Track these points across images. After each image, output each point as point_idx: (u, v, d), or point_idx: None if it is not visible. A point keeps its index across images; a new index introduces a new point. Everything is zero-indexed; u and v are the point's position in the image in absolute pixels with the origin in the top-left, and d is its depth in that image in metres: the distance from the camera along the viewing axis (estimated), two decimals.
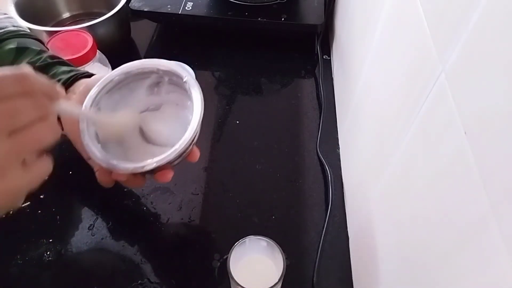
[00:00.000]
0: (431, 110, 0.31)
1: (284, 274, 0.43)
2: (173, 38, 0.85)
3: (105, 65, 0.66)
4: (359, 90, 0.55)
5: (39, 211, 0.56)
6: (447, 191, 0.28)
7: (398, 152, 0.38)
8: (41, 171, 0.31)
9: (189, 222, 0.57)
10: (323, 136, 0.67)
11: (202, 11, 0.77)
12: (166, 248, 0.55)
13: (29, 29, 0.66)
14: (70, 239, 0.54)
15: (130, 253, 0.53)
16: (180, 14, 0.77)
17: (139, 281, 0.51)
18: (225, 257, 0.52)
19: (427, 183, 0.31)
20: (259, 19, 0.76)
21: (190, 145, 0.41)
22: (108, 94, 0.44)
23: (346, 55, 0.66)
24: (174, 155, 0.40)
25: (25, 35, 0.52)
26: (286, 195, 0.60)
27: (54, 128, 0.31)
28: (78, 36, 0.63)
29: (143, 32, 0.84)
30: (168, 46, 0.83)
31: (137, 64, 0.45)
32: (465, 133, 0.25)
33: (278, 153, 0.65)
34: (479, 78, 0.24)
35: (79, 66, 0.61)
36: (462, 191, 0.26)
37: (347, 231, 0.56)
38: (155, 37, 0.84)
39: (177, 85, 0.45)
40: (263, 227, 0.56)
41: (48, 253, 0.53)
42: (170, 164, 0.41)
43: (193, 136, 0.41)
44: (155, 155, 0.40)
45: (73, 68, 0.49)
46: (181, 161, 0.43)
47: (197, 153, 0.46)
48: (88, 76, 0.47)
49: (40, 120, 0.29)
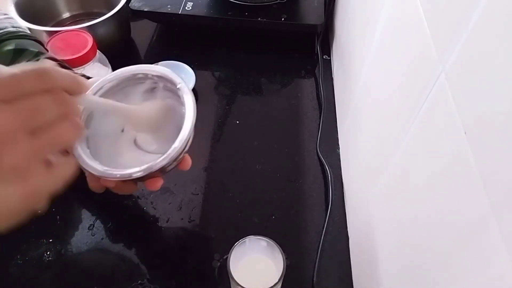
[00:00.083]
0: (431, 110, 0.31)
1: (284, 274, 0.43)
2: (173, 38, 0.85)
3: (105, 65, 0.65)
4: (359, 90, 0.55)
5: (39, 211, 0.56)
6: (447, 191, 0.28)
7: (398, 152, 0.38)
8: (65, 171, 0.30)
9: (189, 222, 0.57)
10: (323, 136, 0.67)
11: (202, 11, 0.77)
12: (166, 248, 0.55)
13: (29, 29, 0.66)
14: (70, 239, 0.54)
15: (130, 253, 0.53)
16: (180, 14, 0.77)
17: (139, 281, 0.51)
18: (225, 257, 0.52)
19: (427, 183, 0.31)
20: (259, 19, 0.76)
21: (180, 153, 0.40)
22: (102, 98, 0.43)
23: (346, 55, 0.66)
24: (163, 163, 0.39)
25: (24, 36, 0.52)
26: (286, 195, 0.60)
27: (76, 125, 0.29)
28: (78, 36, 0.63)
29: (143, 32, 0.84)
30: (168, 46, 0.83)
31: (132, 69, 0.44)
32: (465, 133, 0.25)
33: (278, 153, 0.65)
34: (479, 78, 0.24)
35: (79, 66, 0.61)
36: (462, 191, 0.26)
37: (347, 231, 0.56)
38: (155, 37, 0.84)
39: (172, 91, 0.44)
40: (263, 227, 0.56)
41: (48, 253, 0.53)
42: (160, 172, 0.40)
43: (184, 144, 0.40)
44: (146, 162, 0.39)
45: (70, 70, 0.49)
46: (172, 169, 0.42)
47: (188, 161, 0.45)
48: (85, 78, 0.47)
49: (63, 117, 0.28)
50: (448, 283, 0.28)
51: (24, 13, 0.70)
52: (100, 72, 0.63)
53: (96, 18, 0.70)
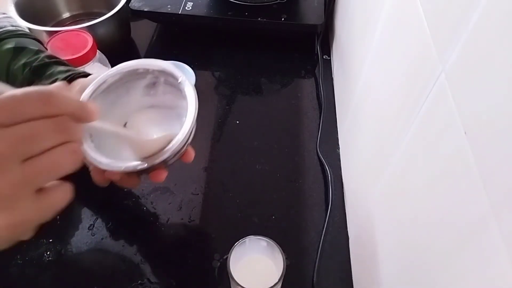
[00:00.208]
0: (431, 110, 0.31)
1: (284, 274, 0.43)
2: (173, 38, 0.85)
3: (105, 65, 0.65)
4: (359, 90, 0.55)
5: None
6: (447, 191, 0.28)
7: (398, 152, 0.38)
8: (56, 201, 0.27)
9: (189, 222, 0.57)
10: (323, 136, 0.67)
11: (202, 11, 0.77)
12: (166, 248, 0.55)
13: (29, 29, 0.66)
14: (70, 239, 0.54)
15: (130, 253, 0.53)
16: (180, 14, 0.77)
17: (139, 281, 0.51)
18: (225, 257, 0.52)
19: (427, 183, 0.31)
20: (259, 19, 0.76)
21: (184, 145, 0.41)
22: (103, 93, 0.44)
23: (346, 55, 0.66)
24: (167, 155, 0.39)
25: (24, 35, 0.52)
26: (286, 195, 0.60)
27: (75, 153, 0.27)
28: (78, 36, 0.63)
29: (143, 32, 0.84)
30: (168, 46, 0.83)
31: (133, 64, 0.44)
32: (465, 133, 0.25)
33: (278, 153, 0.65)
34: (479, 78, 0.24)
35: (79, 66, 0.61)
36: (462, 191, 0.26)
37: (347, 231, 0.56)
38: (155, 37, 0.84)
39: (173, 85, 0.45)
40: (263, 227, 0.56)
41: (48, 253, 0.53)
42: (163, 164, 0.41)
43: (187, 136, 0.40)
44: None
45: (70, 68, 0.49)
46: (175, 161, 0.43)
47: (191, 153, 0.45)
48: (85, 76, 0.47)
49: (61, 144, 0.26)
50: (448, 283, 0.28)
51: (24, 13, 0.70)
52: (100, 72, 0.63)
53: (96, 18, 0.70)
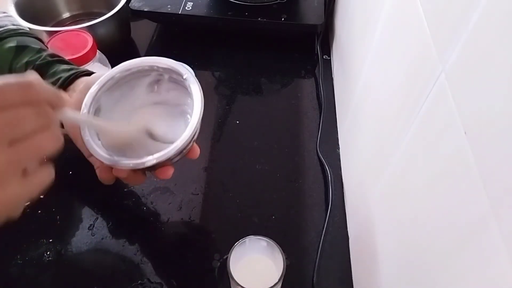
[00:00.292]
0: (431, 110, 0.31)
1: (284, 274, 0.43)
2: (173, 38, 0.85)
3: (105, 65, 0.66)
4: (359, 90, 0.55)
5: (39, 211, 0.56)
6: (447, 191, 0.28)
7: (398, 152, 0.38)
8: (41, 180, 0.30)
9: (189, 222, 0.57)
10: (323, 136, 0.67)
11: (202, 11, 0.77)
12: (166, 248, 0.55)
13: (29, 29, 0.66)
14: (70, 239, 0.54)
15: (130, 253, 0.53)
16: (180, 14, 0.77)
17: (139, 281, 0.51)
18: (225, 257, 0.52)
19: (427, 183, 0.31)
20: (259, 19, 0.76)
21: (190, 141, 0.41)
22: (108, 91, 0.44)
23: (346, 55, 0.66)
24: (174, 152, 0.40)
25: (25, 34, 0.52)
26: (286, 195, 0.60)
27: (56, 137, 0.30)
28: (78, 36, 0.63)
29: (143, 32, 0.84)
30: (168, 46, 0.83)
31: (137, 61, 0.45)
32: (465, 133, 0.25)
33: (278, 153, 0.65)
34: (479, 78, 0.24)
35: (79, 66, 0.61)
36: (462, 191, 0.26)
37: (347, 231, 0.56)
38: (155, 37, 0.84)
39: (177, 82, 0.45)
40: (263, 227, 0.56)
41: (48, 253, 0.53)
42: (170, 160, 0.42)
43: (193, 132, 0.41)
44: (155, 151, 0.40)
45: (73, 66, 0.49)
46: (181, 157, 0.44)
47: (197, 149, 0.46)
48: (88, 74, 0.47)
49: (42, 129, 0.29)
50: (448, 283, 0.28)
51: (24, 13, 0.70)
52: (100, 72, 0.63)
53: (96, 18, 0.70)
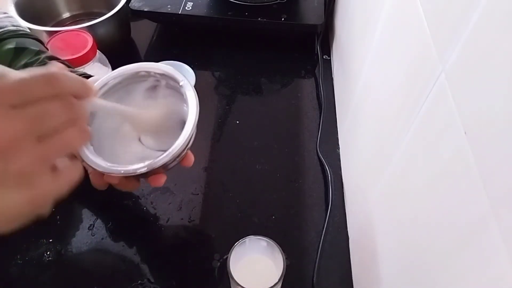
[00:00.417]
0: (431, 110, 0.31)
1: (284, 274, 0.43)
2: (173, 38, 0.85)
3: (105, 65, 0.66)
4: (359, 90, 0.55)
5: (43, 215, 0.56)
6: (447, 191, 0.28)
7: (398, 152, 0.38)
8: (71, 176, 0.30)
9: (189, 222, 0.57)
10: (323, 136, 0.67)
11: (202, 11, 0.77)
12: (166, 248, 0.55)
13: (29, 29, 0.66)
14: (70, 239, 0.54)
15: (130, 253, 0.53)
16: (180, 14, 0.77)
17: (139, 281, 0.51)
18: (225, 257, 0.52)
19: (427, 183, 0.31)
20: (259, 19, 0.76)
21: (183, 149, 0.41)
22: (104, 96, 0.43)
23: (346, 55, 0.66)
24: (166, 159, 0.39)
25: (24, 35, 0.52)
26: (286, 195, 0.60)
27: (83, 131, 0.29)
28: (78, 36, 0.63)
29: (143, 32, 0.84)
30: (168, 46, 0.83)
31: (134, 67, 0.44)
32: (465, 133, 0.25)
33: (278, 153, 0.65)
34: (479, 78, 0.24)
35: (79, 66, 0.61)
36: (462, 191, 0.26)
37: (347, 231, 0.56)
38: (155, 37, 0.84)
39: (174, 89, 0.44)
40: (263, 227, 0.56)
41: (48, 253, 0.53)
42: (163, 168, 0.41)
43: (187, 141, 0.40)
44: (149, 159, 0.40)
45: (71, 69, 0.49)
46: (175, 165, 0.43)
47: (191, 158, 0.45)
48: (86, 77, 0.47)
49: (70, 123, 0.28)
50: (448, 283, 0.28)
51: (24, 13, 0.70)
52: (100, 72, 0.63)
53: (96, 18, 0.70)
